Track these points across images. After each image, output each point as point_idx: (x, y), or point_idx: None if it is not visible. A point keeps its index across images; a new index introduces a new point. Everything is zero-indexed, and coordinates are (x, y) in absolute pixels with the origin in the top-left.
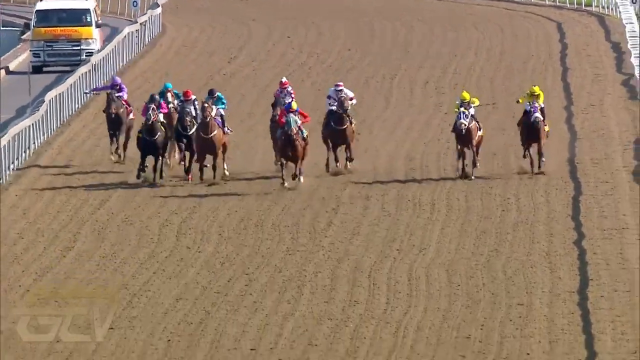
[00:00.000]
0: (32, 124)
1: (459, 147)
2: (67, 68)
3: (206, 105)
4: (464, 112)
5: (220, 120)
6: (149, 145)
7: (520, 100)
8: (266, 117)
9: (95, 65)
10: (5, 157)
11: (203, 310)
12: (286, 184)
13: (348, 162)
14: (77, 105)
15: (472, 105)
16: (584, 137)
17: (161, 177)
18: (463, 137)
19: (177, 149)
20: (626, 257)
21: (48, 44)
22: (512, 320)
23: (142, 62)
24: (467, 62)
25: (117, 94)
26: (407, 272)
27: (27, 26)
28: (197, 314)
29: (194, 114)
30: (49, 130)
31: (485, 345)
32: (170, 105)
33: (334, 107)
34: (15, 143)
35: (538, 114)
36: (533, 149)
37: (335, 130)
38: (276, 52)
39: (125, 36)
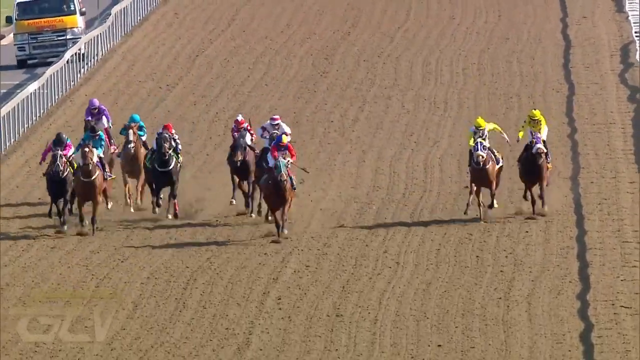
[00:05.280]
0: (100, 34)
1: (474, 186)
2: (54, 59)
3: (87, 150)
4: (481, 143)
5: (100, 163)
6: (58, 186)
7: (520, 135)
8: None
9: None
10: (81, 62)
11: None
12: (280, 239)
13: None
14: (139, 18)
15: (487, 132)
16: (577, 45)
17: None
18: (480, 176)
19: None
20: (613, 148)
21: (32, 36)
22: (513, 202)
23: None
24: None
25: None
26: (423, 161)
27: (8, 20)
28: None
29: (173, 145)
30: (115, 39)
31: (489, 224)
32: (133, 139)
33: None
34: (87, 51)
35: (540, 145)
36: (534, 189)
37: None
38: None
39: None
